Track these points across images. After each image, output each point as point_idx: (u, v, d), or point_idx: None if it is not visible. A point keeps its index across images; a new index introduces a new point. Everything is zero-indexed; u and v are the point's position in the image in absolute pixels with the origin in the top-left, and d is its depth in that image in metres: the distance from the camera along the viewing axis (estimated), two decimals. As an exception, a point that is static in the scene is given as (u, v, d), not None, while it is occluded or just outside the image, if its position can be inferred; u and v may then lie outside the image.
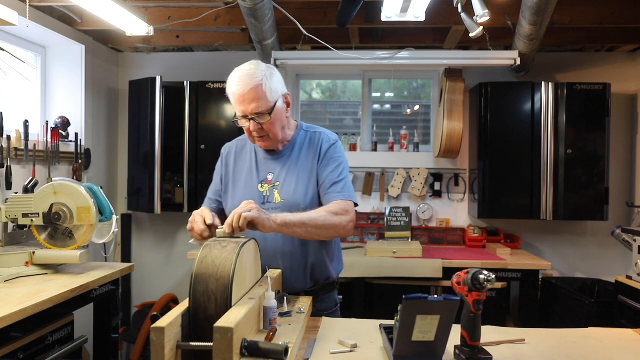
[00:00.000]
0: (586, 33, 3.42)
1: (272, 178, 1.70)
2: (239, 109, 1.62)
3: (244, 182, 1.73)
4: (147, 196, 3.48)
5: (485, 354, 1.21)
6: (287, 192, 1.66)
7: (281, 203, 1.65)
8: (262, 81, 1.59)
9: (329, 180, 1.65)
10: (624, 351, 1.34)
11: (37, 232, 2.11)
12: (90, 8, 2.52)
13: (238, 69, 1.64)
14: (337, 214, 1.56)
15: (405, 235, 3.53)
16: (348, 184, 1.67)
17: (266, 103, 1.60)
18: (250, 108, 1.59)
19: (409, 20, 2.35)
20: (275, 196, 1.66)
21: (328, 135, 1.77)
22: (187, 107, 3.54)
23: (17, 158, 2.79)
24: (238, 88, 1.59)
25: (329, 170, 1.67)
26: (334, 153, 1.71)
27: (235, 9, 3.10)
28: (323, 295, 1.73)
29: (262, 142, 1.68)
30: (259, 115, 1.60)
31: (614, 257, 3.68)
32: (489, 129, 3.41)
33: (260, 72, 1.60)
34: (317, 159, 1.70)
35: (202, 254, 1.23)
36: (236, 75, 1.62)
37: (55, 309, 1.80)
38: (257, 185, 1.70)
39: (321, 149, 1.71)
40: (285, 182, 1.68)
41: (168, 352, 1.04)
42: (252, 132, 1.64)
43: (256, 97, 1.58)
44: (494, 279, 1.17)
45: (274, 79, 1.63)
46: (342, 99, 4.21)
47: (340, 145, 1.76)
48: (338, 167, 1.68)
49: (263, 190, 1.68)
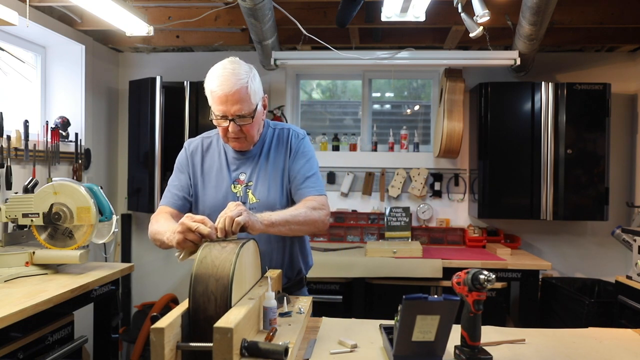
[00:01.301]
0: (586, 33, 3.42)
1: (244, 178, 1.67)
2: (219, 109, 1.55)
3: (214, 183, 1.68)
4: (147, 196, 3.48)
5: (485, 354, 1.21)
6: (262, 192, 1.64)
7: (257, 204, 1.63)
8: (247, 83, 1.54)
9: (301, 175, 1.65)
10: (624, 351, 1.34)
11: (37, 232, 2.11)
12: (90, 8, 2.52)
13: (220, 67, 1.57)
14: (315, 208, 1.57)
15: (405, 235, 3.53)
16: (319, 178, 1.69)
17: (249, 105, 1.56)
18: (232, 109, 1.54)
19: (408, 20, 2.35)
20: (249, 196, 1.64)
21: (296, 130, 1.75)
22: (187, 107, 3.54)
23: (17, 158, 2.79)
24: (222, 87, 1.52)
25: (300, 165, 1.67)
26: (304, 147, 1.71)
27: (235, 9, 3.10)
28: (296, 292, 1.73)
29: (237, 143, 1.64)
30: (241, 117, 1.56)
31: (614, 257, 3.68)
32: (489, 129, 3.41)
33: (244, 72, 1.55)
34: (287, 155, 1.69)
35: (201, 254, 1.23)
36: (219, 73, 1.54)
37: (55, 309, 1.80)
38: (230, 185, 1.67)
39: (291, 144, 1.70)
40: (258, 182, 1.66)
41: (168, 353, 1.04)
42: (228, 133, 1.59)
43: (240, 99, 1.53)
44: (494, 279, 1.17)
45: (256, 80, 1.60)
46: (342, 99, 4.21)
47: (308, 139, 1.76)
48: (308, 161, 1.69)
49: (236, 191, 1.65)
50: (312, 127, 4.06)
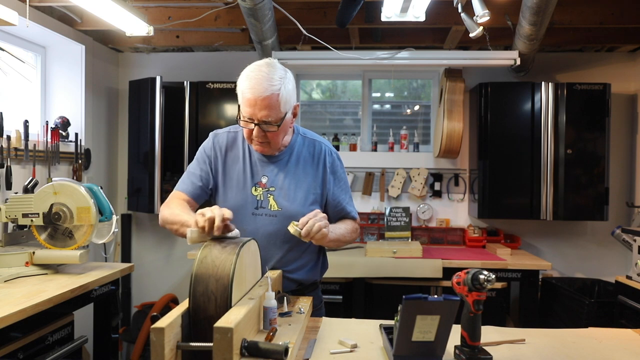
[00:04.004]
0: (586, 33, 3.42)
1: (266, 182, 1.64)
2: (246, 110, 1.52)
3: (236, 183, 1.66)
4: (147, 196, 3.48)
5: (485, 354, 1.21)
6: (285, 199, 1.62)
7: (278, 212, 1.61)
8: (280, 90, 1.51)
9: (343, 199, 1.74)
10: (624, 351, 1.34)
11: (37, 232, 2.11)
12: (90, 8, 2.52)
13: (255, 68, 1.53)
14: (354, 231, 1.75)
15: (405, 235, 3.53)
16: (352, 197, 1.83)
17: (277, 113, 1.52)
18: (260, 114, 1.51)
19: (409, 20, 2.35)
20: (270, 202, 1.62)
21: (329, 146, 1.76)
22: (187, 107, 3.54)
23: (17, 158, 2.79)
24: (252, 91, 1.49)
25: (341, 188, 1.75)
26: (340, 167, 1.76)
27: (235, 9, 3.10)
28: (309, 294, 1.73)
29: (260, 147, 1.61)
30: (267, 123, 1.53)
31: (614, 257, 3.68)
32: (489, 129, 3.41)
33: (278, 78, 1.52)
34: (321, 171, 1.69)
35: (201, 254, 1.23)
36: (253, 75, 1.51)
37: (55, 309, 1.80)
38: (251, 188, 1.64)
39: (325, 161, 1.71)
40: (282, 188, 1.63)
41: (168, 353, 1.04)
42: (252, 136, 1.57)
43: (269, 106, 1.50)
44: (494, 279, 1.17)
45: (289, 87, 1.56)
46: (342, 99, 4.21)
47: (340, 157, 1.80)
48: (346, 183, 1.77)
49: (257, 194, 1.63)
50: (312, 127, 4.06)
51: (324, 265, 1.82)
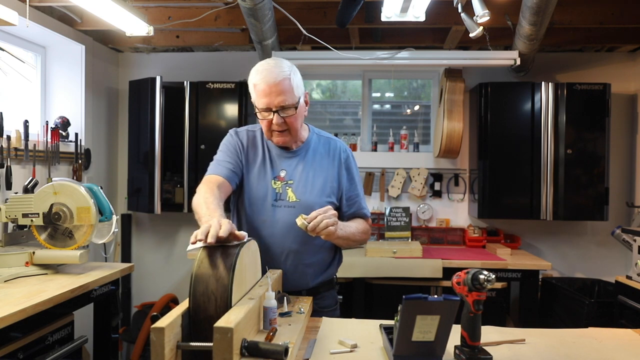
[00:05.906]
0: (586, 33, 3.42)
1: (284, 175, 1.71)
2: (263, 101, 1.60)
3: (256, 176, 1.72)
4: (147, 196, 3.48)
5: (485, 354, 1.21)
6: (302, 192, 1.68)
7: (296, 202, 1.67)
8: (290, 75, 1.61)
9: (355, 195, 1.79)
10: (624, 351, 1.34)
11: (37, 232, 2.11)
12: (90, 8, 2.52)
13: (263, 62, 1.64)
14: (365, 233, 1.78)
15: (405, 235, 3.53)
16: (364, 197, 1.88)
17: (292, 97, 1.61)
18: (276, 100, 1.59)
19: (408, 20, 2.35)
20: (289, 194, 1.68)
21: (343, 144, 1.84)
22: (187, 107, 3.54)
23: (17, 158, 2.79)
24: (265, 79, 1.58)
25: (355, 185, 1.80)
26: (354, 164, 1.82)
27: (235, 9, 3.10)
28: (324, 293, 1.76)
29: (281, 138, 1.67)
30: (284, 108, 1.61)
31: (614, 257, 3.68)
32: (489, 129, 3.41)
33: (287, 66, 1.62)
34: (336, 166, 1.77)
35: (202, 254, 1.23)
36: (262, 67, 1.61)
37: (55, 309, 1.80)
38: (271, 181, 1.70)
39: (340, 157, 1.79)
40: (300, 181, 1.70)
41: (168, 352, 1.04)
42: (272, 127, 1.64)
43: (283, 90, 1.59)
44: (493, 279, 1.17)
45: (298, 75, 1.66)
46: (342, 99, 4.21)
47: (353, 155, 1.86)
48: (358, 181, 1.83)
49: (276, 187, 1.69)
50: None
51: (339, 261, 1.86)
